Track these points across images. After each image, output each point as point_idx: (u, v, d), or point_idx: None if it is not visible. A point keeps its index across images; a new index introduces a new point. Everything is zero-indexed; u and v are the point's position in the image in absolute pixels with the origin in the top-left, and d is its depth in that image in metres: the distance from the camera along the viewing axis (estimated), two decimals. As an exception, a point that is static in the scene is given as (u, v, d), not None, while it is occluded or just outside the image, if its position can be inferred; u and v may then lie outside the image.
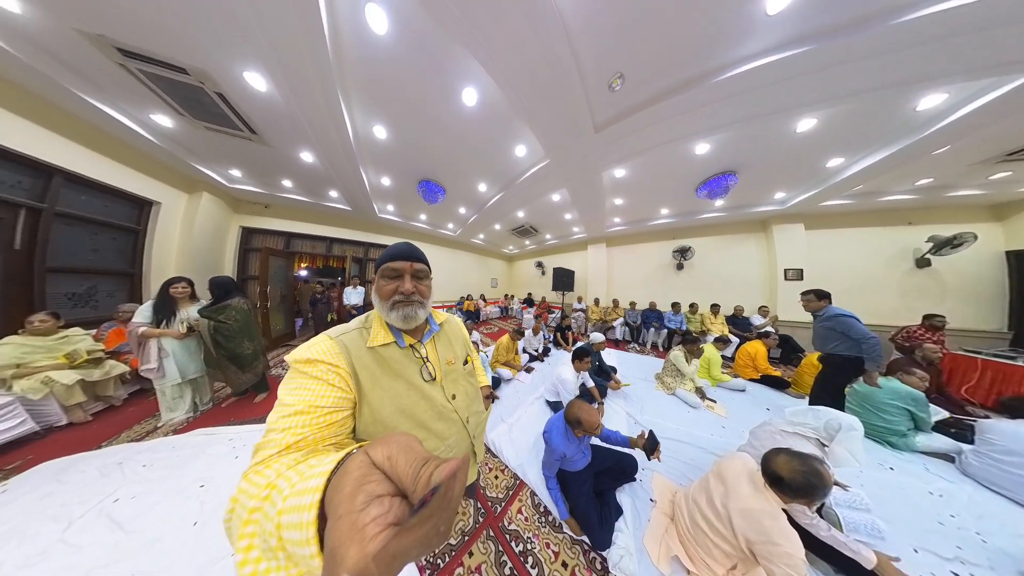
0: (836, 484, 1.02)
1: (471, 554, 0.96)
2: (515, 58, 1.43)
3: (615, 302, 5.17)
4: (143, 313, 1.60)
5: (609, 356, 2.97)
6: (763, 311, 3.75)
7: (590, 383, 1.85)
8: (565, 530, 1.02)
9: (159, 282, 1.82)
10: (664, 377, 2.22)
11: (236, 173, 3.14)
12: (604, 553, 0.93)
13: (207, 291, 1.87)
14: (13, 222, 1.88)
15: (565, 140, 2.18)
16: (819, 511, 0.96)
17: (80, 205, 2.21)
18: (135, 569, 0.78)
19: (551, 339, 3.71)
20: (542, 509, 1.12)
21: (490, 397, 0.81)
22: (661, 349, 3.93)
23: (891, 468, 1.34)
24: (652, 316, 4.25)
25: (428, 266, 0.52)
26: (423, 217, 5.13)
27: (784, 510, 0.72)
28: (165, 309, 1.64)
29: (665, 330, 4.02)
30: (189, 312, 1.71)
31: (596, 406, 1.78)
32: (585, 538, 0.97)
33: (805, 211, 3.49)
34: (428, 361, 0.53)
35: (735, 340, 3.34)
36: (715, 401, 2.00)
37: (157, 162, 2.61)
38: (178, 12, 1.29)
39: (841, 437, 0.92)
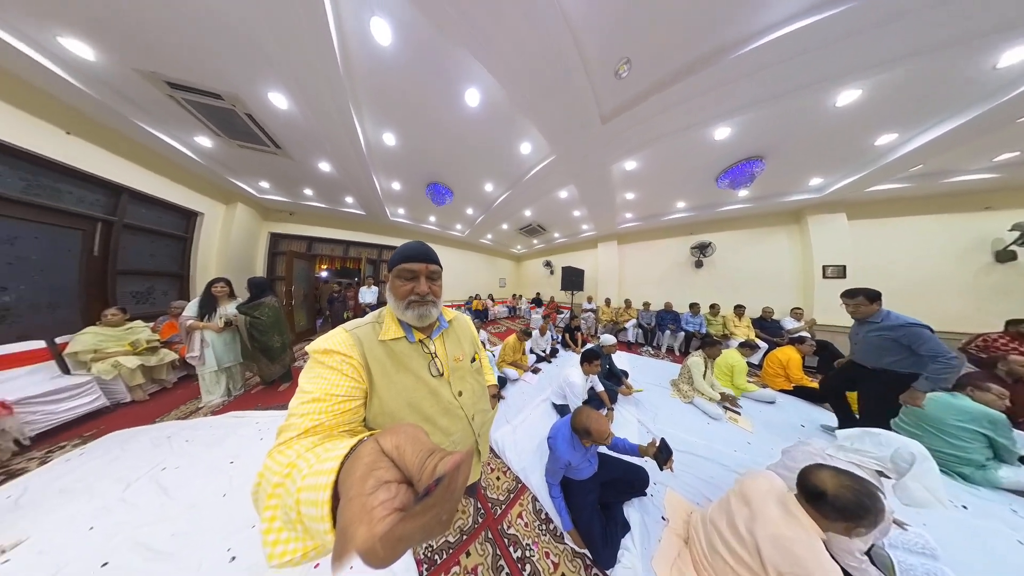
0: (895, 523, 0.86)
1: (468, 554, 0.96)
2: (516, 56, 1.41)
3: (627, 302, 4.84)
4: (191, 308, 1.83)
5: (620, 359, 2.84)
6: (796, 313, 3.36)
7: (599, 387, 1.75)
8: (567, 541, 0.97)
9: (203, 282, 2.06)
10: (680, 384, 2.07)
11: (265, 185, 3.45)
12: (608, 572, 0.87)
13: (244, 291, 2.07)
14: (92, 232, 2.23)
15: (570, 134, 2.11)
16: (868, 553, 0.80)
17: (141, 217, 2.56)
18: (176, 530, 0.90)
19: (559, 340, 3.62)
20: (543, 516, 1.09)
21: (497, 396, 0.80)
22: (678, 353, 3.69)
23: (964, 507, 1.10)
24: (668, 318, 3.96)
25: (441, 266, 0.53)
26: (432, 219, 5.28)
27: (823, 543, 0.61)
28: (207, 305, 1.85)
29: (682, 333, 3.75)
30: (227, 308, 1.91)
31: (605, 412, 1.70)
32: (587, 552, 0.92)
33: (847, 198, 3.07)
34: (436, 357, 0.53)
35: (764, 345, 3.04)
36: (739, 412, 1.83)
37: (200, 178, 2.96)
38: (210, 44, 1.44)
39: (916, 471, 0.73)
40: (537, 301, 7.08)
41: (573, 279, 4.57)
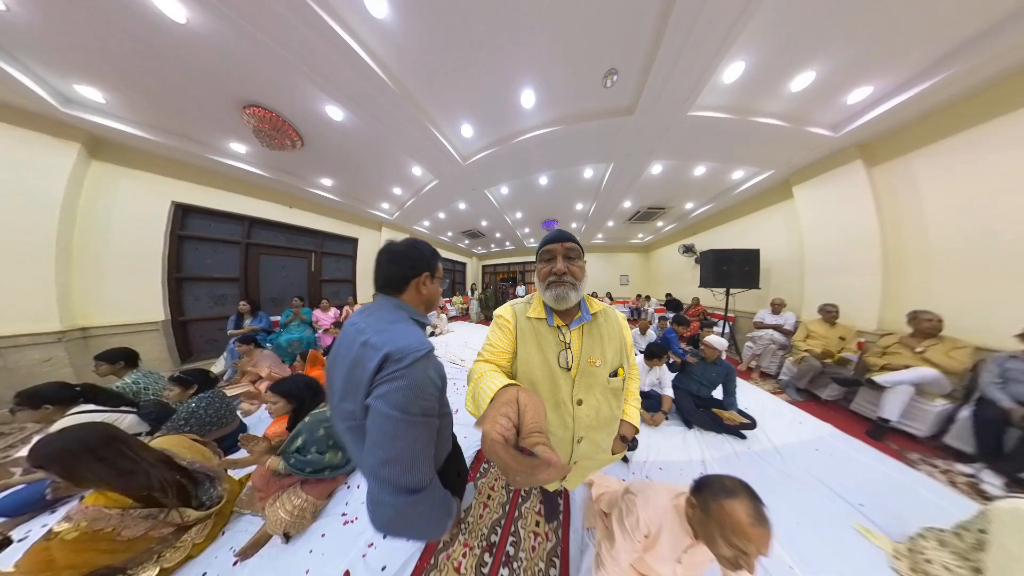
0: None
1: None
2: (563, 151, 2.88)
3: (920, 320, 1.56)
4: (472, 293, 5.93)
5: (872, 464, 1.22)
6: None
7: (667, 390, 1.36)
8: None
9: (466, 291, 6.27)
10: (947, 558, 0.75)
11: (480, 247, 8.14)
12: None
13: (475, 290, 5.89)
14: (453, 274, 7.47)
15: (650, 98, 1.62)
16: None
17: (460, 270, 7.93)
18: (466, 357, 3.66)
19: (681, 352, 2.32)
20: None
21: (627, 441, 0.62)
22: None
23: None
24: None
25: (579, 246, 0.56)
26: (551, 241, 7.59)
27: None
28: (470, 291, 5.91)
29: None
30: (475, 293, 5.84)
31: (654, 413, 1.39)
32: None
33: None
34: (570, 348, 0.56)
35: None
36: None
37: (466, 251, 8.11)
38: (465, 218, 5.00)
39: None
40: (673, 304, 4.97)
41: (726, 268, 2.74)
